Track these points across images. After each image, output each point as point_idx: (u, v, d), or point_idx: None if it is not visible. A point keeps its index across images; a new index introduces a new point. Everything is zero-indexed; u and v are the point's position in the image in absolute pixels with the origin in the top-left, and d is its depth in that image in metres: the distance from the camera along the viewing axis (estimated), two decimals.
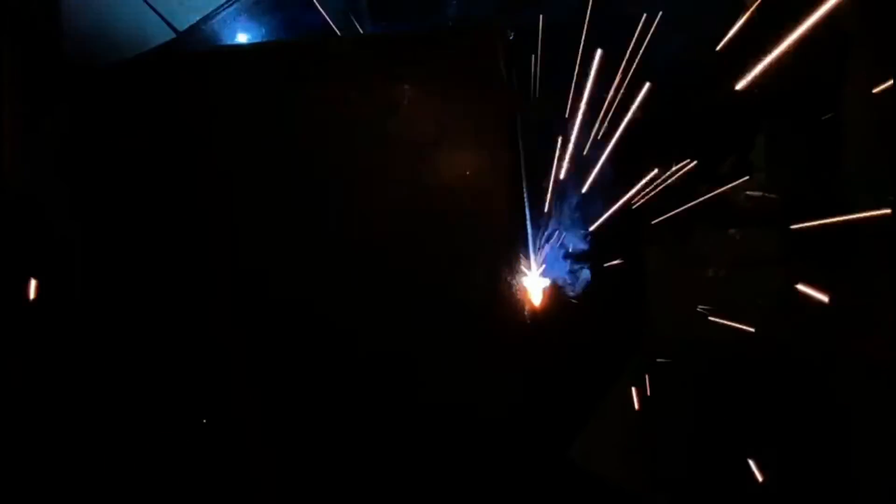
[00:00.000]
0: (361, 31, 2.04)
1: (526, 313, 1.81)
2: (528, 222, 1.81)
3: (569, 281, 1.93)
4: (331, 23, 1.98)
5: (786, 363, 1.92)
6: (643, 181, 1.94)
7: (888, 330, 1.86)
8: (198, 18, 1.86)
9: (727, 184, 1.93)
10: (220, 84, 1.81)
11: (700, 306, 1.97)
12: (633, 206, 1.96)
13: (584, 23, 1.88)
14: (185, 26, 1.85)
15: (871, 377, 1.86)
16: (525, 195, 1.79)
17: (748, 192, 1.91)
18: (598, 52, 1.86)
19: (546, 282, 1.88)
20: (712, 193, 1.93)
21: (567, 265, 1.94)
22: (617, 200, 1.97)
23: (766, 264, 1.95)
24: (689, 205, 1.94)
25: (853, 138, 1.86)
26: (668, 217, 1.96)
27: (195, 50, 1.89)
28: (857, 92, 1.83)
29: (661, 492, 1.90)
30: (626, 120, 1.90)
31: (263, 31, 1.94)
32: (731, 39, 1.83)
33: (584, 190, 1.96)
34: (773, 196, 1.88)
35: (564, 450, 1.98)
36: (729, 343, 1.94)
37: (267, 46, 1.97)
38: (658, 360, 2.00)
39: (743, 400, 1.92)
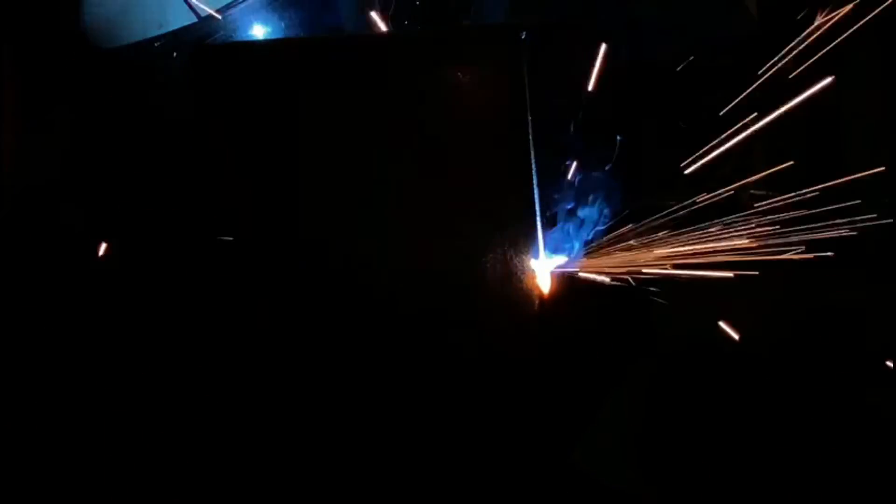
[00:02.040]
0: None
1: (537, 304, 1.82)
2: (539, 217, 1.83)
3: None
4: (346, 23, 2.05)
5: (787, 364, 1.90)
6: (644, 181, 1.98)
7: (889, 330, 1.85)
8: (220, 6, 1.92)
9: (728, 185, 1.95)
10: (238, 78, 1.86)
11: (702, 308, 1.97)
12: (636, 207, 1.98)
13: (590, 25, 1.94)
14: (207, 13, 1.91)
15: (872, 378, 1.83)
16: (536, 190, 1.81)
17: (753, 192, 1.93)
18: (603, 50, 1.91)
19: (553, 266, 1.87)
20: (715, 193, 1.95)
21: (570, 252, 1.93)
22: (619, 200, 1.99)
23: (765, 268, 1.95)
24: (691, 205, 1.96)
25: (853, 139, 1.89)
26: (670, 218, 1.96)
27: (216, 39, 1.96)
28: (856, 92, 1.86)
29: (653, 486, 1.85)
30: (628, 119, 1.95)
31: (282, 25, 2.00)
32: (732, 40, 1.89)
33: (586, 189, 1.99)
34: (777, 195, 1.89)
35: (567, 452, 1.93)
36: (731, 344, 1.92)
37: (285, 42, 2.03)
38: (661, 362, 1.98)
39: (745, 401, 1.88)
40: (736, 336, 1.91)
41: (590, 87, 1.91)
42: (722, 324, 1.94)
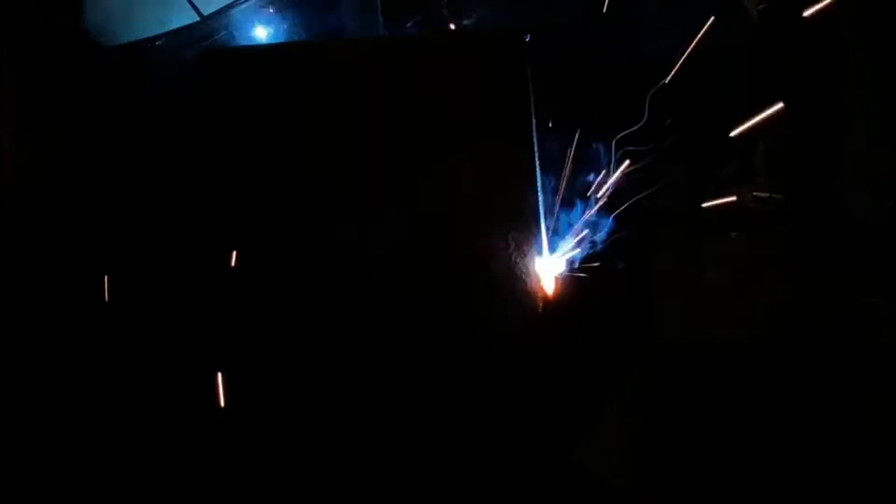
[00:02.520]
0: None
1: (540, 303, 1.83)
2: (542, 214, 1.83)
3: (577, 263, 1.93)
4: (347, 23, 2.05)
5: (787, 365, 1.89)
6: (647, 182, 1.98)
7: (889, 331, 1.85)
8: (222, 6, 1.92)
9: (729, 187, 1.96)
10: (243, 81, 1.86)
11: (703, 309, 1.97)
12: (639, 209, 1.99)
13: (591, 27, 1.95)
14: (210, 10, 1.91)
15: (873, 378, 1.83)
16: (539, 189, 1.82)
17: (755, 194, 1.93)
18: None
19: (557, 268, 1.88)
20: (716, 197, 1.96)
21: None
22: (622, 202, 1.99)
23: (768, 267, 1.95)
24: (693, 207, 1.96)
25: (853, 141, 1.89)
26: (672, 219, 1.97)
27: (218, 39, 1.96)
28: (857, 92, 1.87)
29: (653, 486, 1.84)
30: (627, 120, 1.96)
31: (284, 26, 2.00)
32: (732, 43, 1.90)
33: (589, 192, 1.99)
34: (780, 196, 1.90)
35: (567, 453, 1.92)
36: (732, 345, 1.93)
37: (291, 46, 2.04)
38: (662, 363, 1.97)
39: (745, 401, 1.88)
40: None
41: (591, 87, 1.93)
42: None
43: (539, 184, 1.81)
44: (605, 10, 1.95)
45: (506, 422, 1.87)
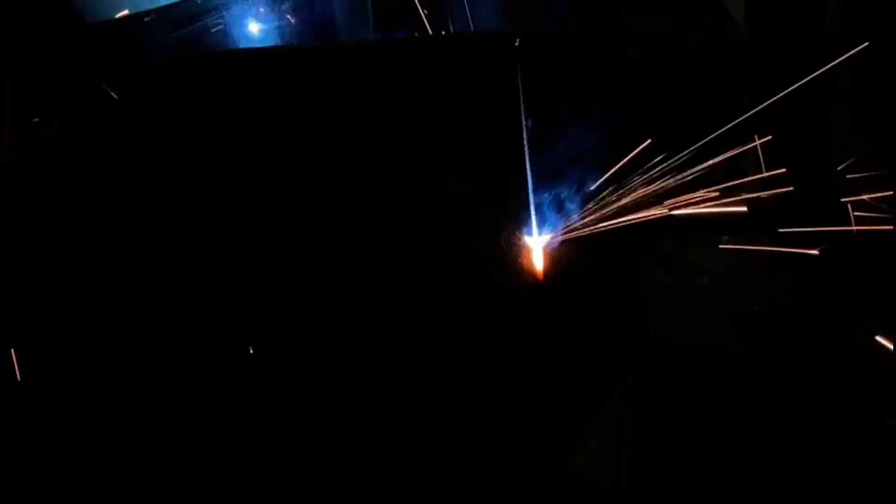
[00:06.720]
0: (367, 34, 2.12)
1: (533, 282, 1.78)
2: (533, 212, 1.80)
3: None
4: (339, 14, 2.06)
5: (782, 368, 1.86)
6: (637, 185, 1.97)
7: (881, 334, 1.82)
8: None
9: (720, 190, 1.95)
10: (232, 87, 1.84)
11: (697, 313, 1.93)
12: (628, 213, 1.97)
13: (582, 30, 1.99)
14: None
15: (865, 382, 1.80)
16: (530, 191, 1.79)
17: (745, 195, 1.92)
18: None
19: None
20: (707, 199, 1.95)
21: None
22: (612, 207, 1.98)
23: (760, 271, 1.93)
24: (684, 211, 1.95)
25: (844, 143, 1.92)
26: (663, 223, 1.94)
27: (207, 23, 1.95)
28: (847, 95, 1.91)
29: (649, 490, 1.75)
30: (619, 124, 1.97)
31: (273, 16, 2.00)
32: (718, 47, 1.95)
33: (579, 196, 1.98)
34: (767, 199, 1.90)
35: (564, 459, 1.82)
36: (727, 349, 1.91)
37: (279, 50, 2.03)
38: (657, 367, 1.91)
39: (741, 405, 1.82)
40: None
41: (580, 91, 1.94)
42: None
43: (531, 185, 1.79)
44: (596, 16, 2.00)
45: (502, 425, 1.81)
